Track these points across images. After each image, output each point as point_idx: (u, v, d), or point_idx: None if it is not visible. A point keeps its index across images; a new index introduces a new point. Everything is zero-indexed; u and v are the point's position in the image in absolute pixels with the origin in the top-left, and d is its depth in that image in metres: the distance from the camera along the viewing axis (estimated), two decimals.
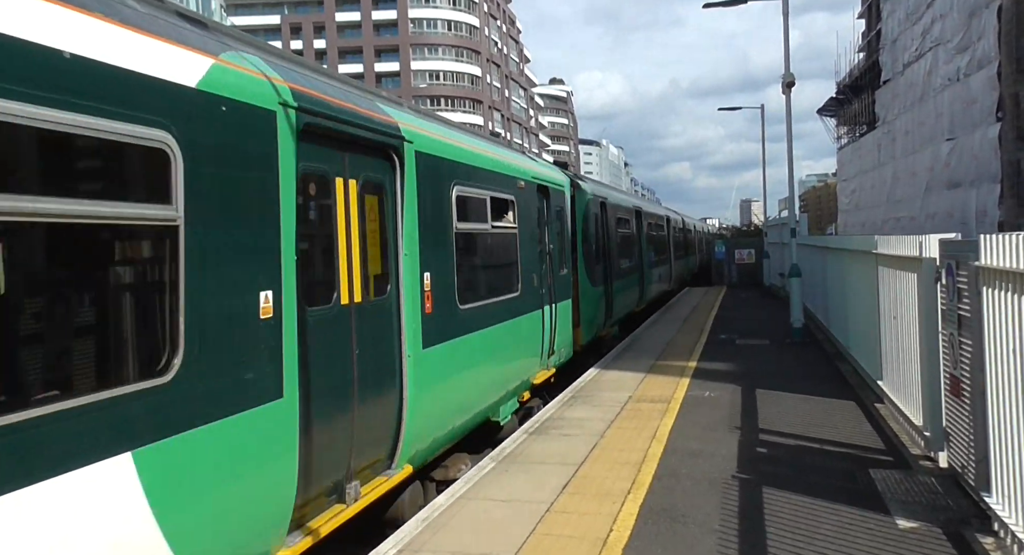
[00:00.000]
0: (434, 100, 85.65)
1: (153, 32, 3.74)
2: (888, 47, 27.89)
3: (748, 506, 5.80)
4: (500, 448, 7.91)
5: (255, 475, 4.24)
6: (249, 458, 4.20)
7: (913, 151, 24.49)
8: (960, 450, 5.96)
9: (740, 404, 9.39)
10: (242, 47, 4.72)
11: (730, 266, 33.51)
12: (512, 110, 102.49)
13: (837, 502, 5.77)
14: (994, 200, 17.47)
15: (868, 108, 31.69)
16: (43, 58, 3.07)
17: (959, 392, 5.88)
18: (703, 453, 7.28)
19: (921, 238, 6.83)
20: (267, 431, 4.32)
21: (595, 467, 7.02)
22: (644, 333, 17.00)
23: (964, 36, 19.67)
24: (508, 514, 5.89)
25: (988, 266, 5.05)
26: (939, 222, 20.62)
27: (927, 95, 23.13)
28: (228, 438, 4.00)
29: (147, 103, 3.57)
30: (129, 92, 3.47)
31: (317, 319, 4.95)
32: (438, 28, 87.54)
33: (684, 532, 5.37)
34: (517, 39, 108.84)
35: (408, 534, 5.57)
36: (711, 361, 12.65)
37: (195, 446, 3.77)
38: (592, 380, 11.48)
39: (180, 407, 3.69)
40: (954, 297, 5.89)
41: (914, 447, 7.19)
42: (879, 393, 9.03)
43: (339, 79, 6.17)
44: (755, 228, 58.44)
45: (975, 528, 5.18)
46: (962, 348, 5.73)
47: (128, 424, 3.40)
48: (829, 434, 7.79)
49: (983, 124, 18.18)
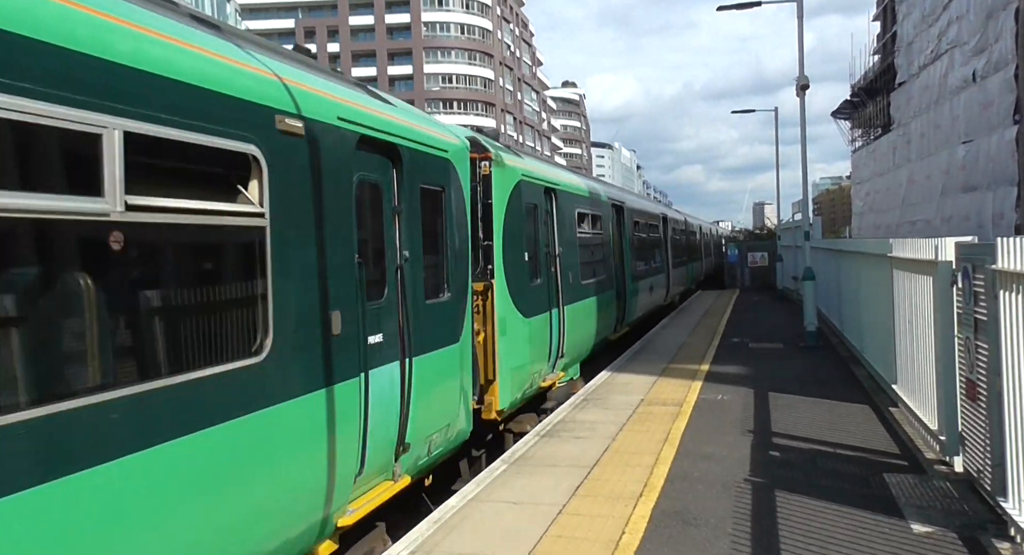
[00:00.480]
0: (447, 103, 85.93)
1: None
2: (903, 49, 27.72)
3: (761, 510, 5.78)
4: (512, 450, 7.91)
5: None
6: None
7: (928, 154, 24.32)
8: (976, 454, 5.91)
9: (753, 408, 9.34)
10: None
11: (743, 269, 33.39)
12: (524, 113, 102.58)
13: (851, 506, 5.74)
14: (1011, 203, 17.30)
15: (883, 111, 31.49)
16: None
17: (975, 396, 5.83)
18: (715, 456, 7.25)
19: (937, 241, 6.79)
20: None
21: (607, 470, 7.00)
22: (656, 336, 16.96)
23: (981, 38, 19.51)
24: (520, 516, 5.89)
25: (1005, 269, 5.01)
26: (955, 225, 20.45)
27: (943, 97, 22.97)
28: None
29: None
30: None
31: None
32: (451, 31, 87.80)
33: (696, 535, 5.35)
34: (530, 42, 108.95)
35: (420, 535, 5.58)
36: (724, 364, 12.60)
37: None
38: (604, 383, 11.46)
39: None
40: (970, 300, 5.84)
41: (929, 452, 7.13)
42: (893, 397, 8.96)
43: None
44: (768, 231, 58.20)
45: (991, 533, 5.14)
46: (978, 352, 5.68)
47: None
48: (843, 438, 7.75)
49: (1000, 127, 18.02)
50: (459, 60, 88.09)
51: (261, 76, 4.47)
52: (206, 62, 4.00)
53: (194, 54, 3.93)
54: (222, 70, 4.10)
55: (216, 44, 4.23)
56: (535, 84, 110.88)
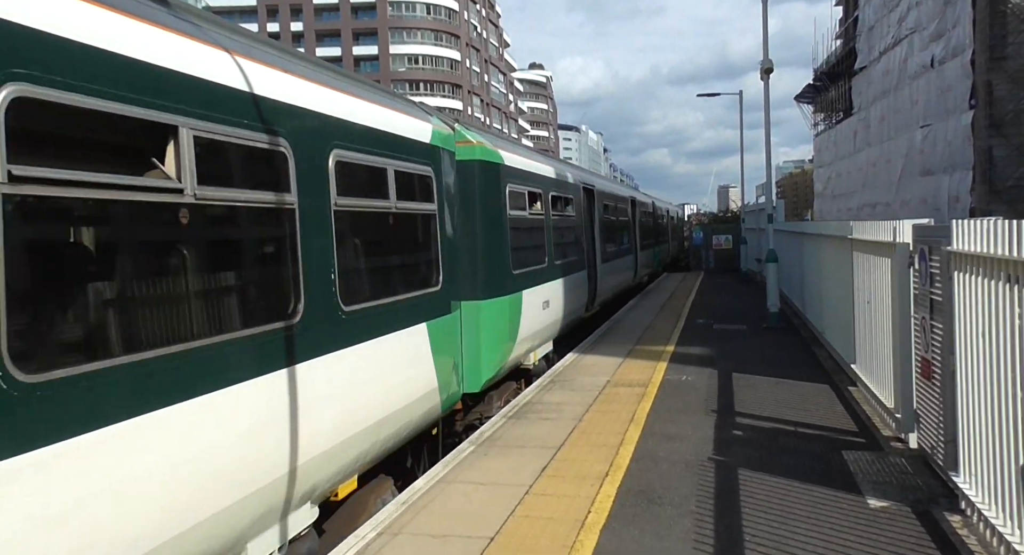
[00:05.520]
0: (413, 84, 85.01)
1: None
2: (864, 34, 28.06)
3: (724, 487, 5.89)
4: (479, 432, 7.95)
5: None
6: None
7: (888, 138, 24.73)
8: (930, 431, 6.09)
9: (717, 388, 9.49)
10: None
11: (707, 252, 33.75)
12: (491, 95, 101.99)
13: (810, 483, 5.88)
14: (966, 187, 17.71)
15: (845, 95, 31.89)
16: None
17: (930, 375, 5.99)
18: (680, 436, 7.37)
19: (895, 224, 6.93)
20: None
21: (574, 450, 7.08)
22: (624, 317, 17.10)
23: (939, 23, 19.84)
24: (488, 497, 5.93)
25: (960, 251, 5.14)
26: (913, 208, 20.87)
27: (902, 82, 23.33)
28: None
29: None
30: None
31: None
32: (417, 12, 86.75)
33: (661, 513, 5.44)
34: (497, 23, 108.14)
35: (388, 516, 5.59)
36: (688, 345, 12.77)
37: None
38: (571, 364, 11.55)
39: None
40: (927, 282, 5.99)
41: (886, 429, 7.32)
42: (852, 377, 9.18)
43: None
44: (732, 214, 58.81)
45: (943, 507, 5.31)
46: (933, 332, 5.83)
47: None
48: (804, 417, 7.92)
49: (956, 111, 18.38)
50: (425, 41, 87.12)
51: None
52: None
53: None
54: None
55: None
56: (502, 66, 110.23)
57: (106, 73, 3.46)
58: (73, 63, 3.29)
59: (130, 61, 3.61)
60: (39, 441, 3.01)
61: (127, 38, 3.63)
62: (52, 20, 3.21)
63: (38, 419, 3.01)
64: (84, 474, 3.20)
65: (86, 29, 3.39)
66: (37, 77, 3.10)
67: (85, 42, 3.36)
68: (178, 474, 3.76)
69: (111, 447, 3.37)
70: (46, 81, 3.14)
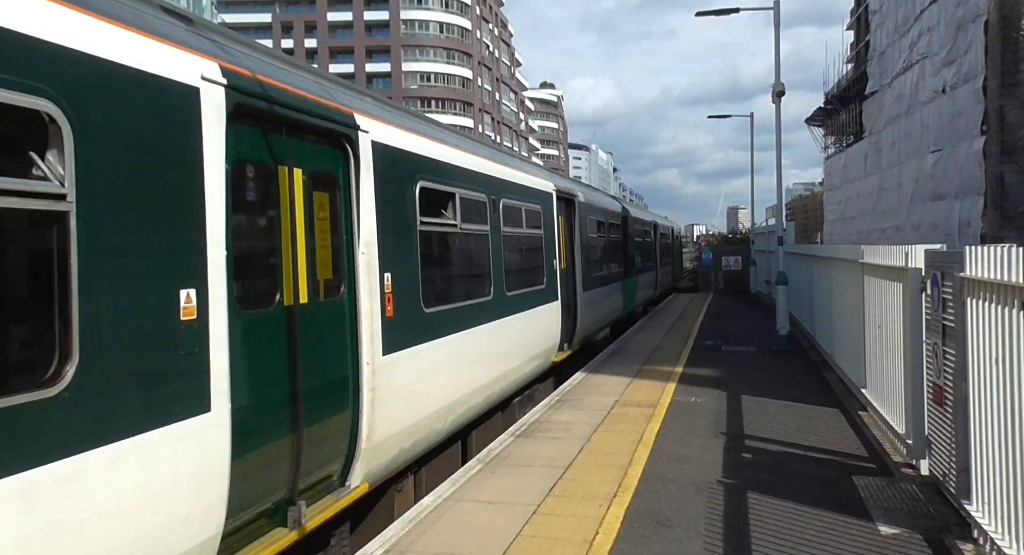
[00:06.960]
0: (425, 102, 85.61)
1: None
2: (876, 59, 28.14)
3: (733, 511, 5.86)
4: (487, 450, 7.93)
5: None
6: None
7: (899, 162, 24.71)
8: (942, 458, 6.04)
9: (726, 410, 9.45)
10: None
11: (717, 273, 33.72)
12: (502, 113, 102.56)
13: (820, 508, 5.84)
14: (977, 212, 17.65)
15: (855, 119, 31.93)
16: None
17: (942, 401, 5.96)
18: (689, 458, 7.33)
19: (907, 248, 6.92)
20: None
21: (582, 470, 7.05)
22: (631, 338, 17.06)
23: (951, 49, 19.88)
24: (495, 516, 5.91)
25: (973, 277, 5.13)
26: (923, 233, 20.81)
27: (913, 107, 23.35)
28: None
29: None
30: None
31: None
32: (430, 30, 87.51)
33: (669, 535, 5.41)
34: (509, 42, 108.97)
35: (395, 534, 5.58)
36: (697, 367, 12.73)
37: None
38: (579, 384, 11.52)
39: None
40: (939, 307, 5.97)
41: (896, 455, 7.27)
42: (863, 401, 9.12)
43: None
44: (742, 235, 58.77)
45: (955, 535, 5.26)
46: (946, 358, 5.81)
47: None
48: (813, 441, 7.87)
49: (968, 137, 18.37)
50: (438, 59, 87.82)
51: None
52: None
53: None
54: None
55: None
56: (513, 84, 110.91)
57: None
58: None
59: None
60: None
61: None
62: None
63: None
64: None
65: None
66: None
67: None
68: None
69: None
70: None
